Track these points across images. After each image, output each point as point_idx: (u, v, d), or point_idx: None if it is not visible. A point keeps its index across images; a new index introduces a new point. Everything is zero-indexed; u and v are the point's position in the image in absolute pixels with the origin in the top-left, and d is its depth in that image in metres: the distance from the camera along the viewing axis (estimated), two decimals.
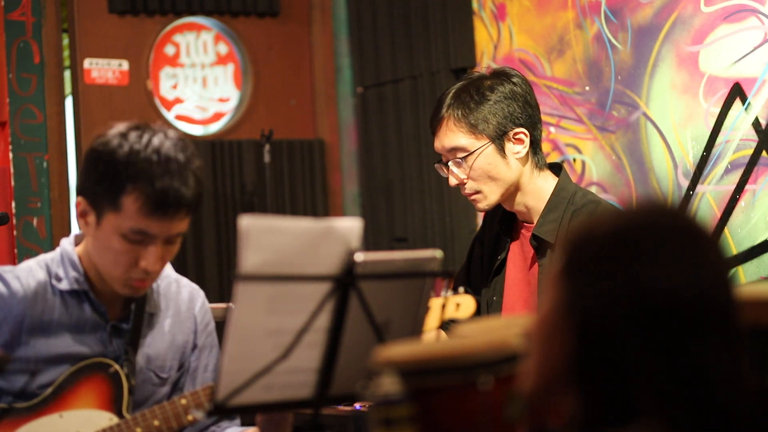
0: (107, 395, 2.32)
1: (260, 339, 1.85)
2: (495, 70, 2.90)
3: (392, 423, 1.58)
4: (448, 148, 2.83)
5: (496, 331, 1.77)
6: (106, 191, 2.21)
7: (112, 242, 2.23)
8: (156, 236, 2.22)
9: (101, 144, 2.24)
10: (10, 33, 4.82)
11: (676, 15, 3.85)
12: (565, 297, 1.40)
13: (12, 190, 4.79)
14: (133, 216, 2.19)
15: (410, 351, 1.70)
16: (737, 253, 3.67)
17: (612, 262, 1.38)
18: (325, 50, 5.47)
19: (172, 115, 5.22)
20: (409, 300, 2.01)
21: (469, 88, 2.83)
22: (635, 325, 1.35)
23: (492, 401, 1.63)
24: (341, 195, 5.49)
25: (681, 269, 1.37)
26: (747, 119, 3.65)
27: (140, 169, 2.19)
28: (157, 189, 2.18)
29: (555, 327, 1.41)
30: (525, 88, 2.85)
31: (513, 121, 2.81)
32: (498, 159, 2.80)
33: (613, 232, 1.41)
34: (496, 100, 2.81)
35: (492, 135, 2.80)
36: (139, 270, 2.25)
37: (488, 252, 2.99)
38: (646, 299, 1.35)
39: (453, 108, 2.82)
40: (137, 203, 2.18)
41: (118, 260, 2.25)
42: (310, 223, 1.86)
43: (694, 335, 1.35)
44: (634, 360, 1.35)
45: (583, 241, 1.43)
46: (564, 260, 1.42)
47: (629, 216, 1.44)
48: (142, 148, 2.20)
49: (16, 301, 2.30)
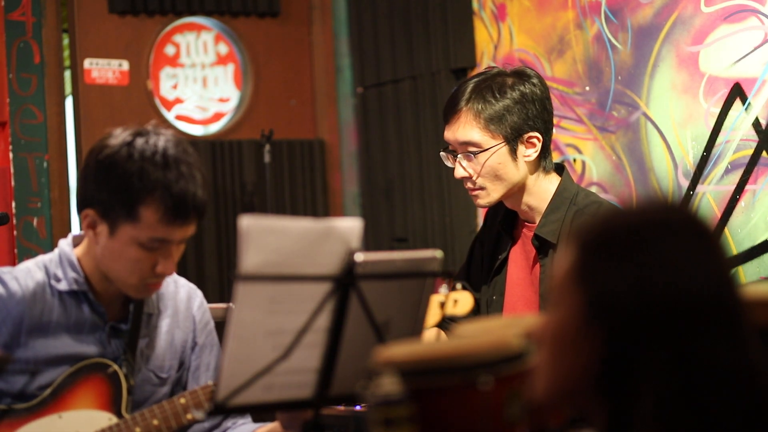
0: (106, 395, 2.32)
1: (260, 339, 1.85)
2: (515, 69, 2.87)
3: (392, 423, 1.58)
4: (461, 141, 2.81)
5: (496, 331, 1.76)
6: (122, 203, 2.21)
7: (128, 252, 2.24)
8: (173, 241, 2.24)
9: (109, 156, 2.23)
10: (10, 33, 4.82)
11: (677, 15, 3.85)
12: (586, 301, 1.39)
13: (12, 190, 4.79)
14: (153, 226, 2.20)
15: (410, 351, 1.70)
16: (737, 253, 3.67)
17: (634, 260, 1.37)
18: (326, 50, 5.47)
19: (173, 115, 5.22)
20: (410, 300, 2.01)
21: (490, 83, 2.80)
22: (665, 324, 1.35)
23: (492, 401, 1.63)
24: (341, 195, 5.49)
25: (700, 265, 1.37)
26: (747, 119, 3.65)
27: (155, 179, 2.19)
28: (175, 196, 2.19)
29: (577, 332, 1.39)
30: (544, 91, 2.83)
31: (529, 124, 2.79)
32: (508, 160, 2.79)
33: (630, 231, 1.40)
34: (516, 100, 2.78)
35: (507, 135, 2.78)
36: (155, 274, 2.26)
37: (488, 251, 2.99)
38: (671, 297, 1.35)
39: (473, 102, 2.79)
40: (157, 213, 2.19)
41: (134, 268, 2.25)
42: (310, 224, 1.86)
43: (716, 332, 1.35)
44: (663, 359, 1.34)
45: (598, 242, 1.41)
46: (579, 263, 1.41)
47: (641, 214, 1.43)
48: (151, 155, 2.21)
49: (14, 302, 2.29)
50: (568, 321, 1.40)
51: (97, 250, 2.30)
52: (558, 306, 1.43)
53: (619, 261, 1.38)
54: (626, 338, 1.36)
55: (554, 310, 1.44)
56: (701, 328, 1.35)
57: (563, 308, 1.42)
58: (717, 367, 1.35)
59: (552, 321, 1.44)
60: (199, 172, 2.25)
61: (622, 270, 1.37)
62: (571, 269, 1.42)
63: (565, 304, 1.41)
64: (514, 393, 1.63)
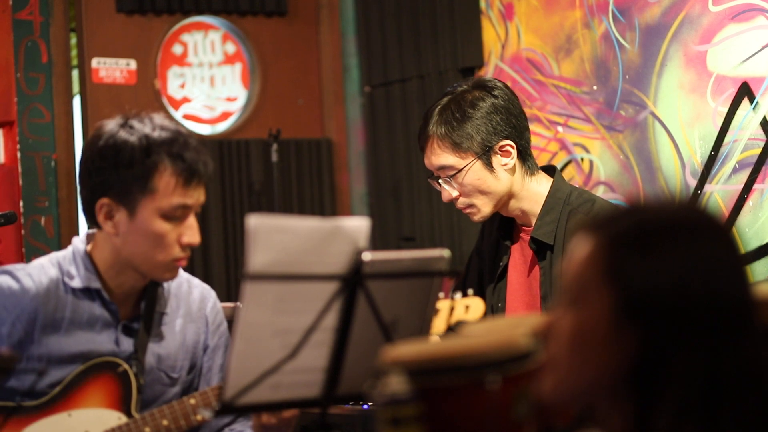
0: (116, 394, 2.32)
1: (268, 338, 1.85)
2: (476, 82, 2.90)
3: (399, 422, 1.58)
4: (437, 167, 2.86)
5: (504, 331, 1.76)
6: (136, 179, 2.23)
7: (153, 227, 2.25)
8: (192, 207, 2.27)
9: (109, 140, 2.25)
10: (18, 32, 4.82)
11: (684, 14, 3.85)
12: (620, 299, 1.36)
13: (20, 189, 4.79)
14: (171, 192, 2.23)
15: (418, 350, 1.70)
16: (745, 252, 3.66)
17: (673, 258, 1.35)
18: (333, 49, 5.47)
19: (180, 114, 5.22)
20: (417, 299, 2.01)
21: (450, 105, 2.84)
22: (702, 324, 1.34)
23: (499, 401, 1.63)
24: (349, 194, 5.48)
25: (729, 266, 1.37)
26: (755, 119, 3.64)
27: (163, 148, 2.24)
28: (186, 160, 2.24)
29: (607, 331, 1.36)
30: (507, 99, 2.85)
31: (497, 135, 2.81)
32: (486, 174, 2.82)
33: (665, 228, 1.37)
34: (478, 117, 2.81)
35: (477, 151, 2.80)
36: (182, 247, 2.28)
37: (489, 259, 3.00)
38: (708, 296, 1.34)
39: (437, 126, 2.83)
40: (173, 179, 2.23)
41: (162, 243, 2.26)
42: (317, 223, 1.86)
43: (743, 331, 1.35)
44: (697, 359, 1.34)
45: (631, 238, 1.38)
46: (608, 259, 1.37)
47: (668, 212, 1.41)
48: (151, 129, 2.26)
49: (28, 298, 2.29)
50: (595, 320, 1.37)
51: (117, 242, 2.30)
52: (579, 303, 1.40)
53: (657, 258, 1.35)
54: (663, 338, 1.34)
55: (574, 308, 1.41)
56: (732, 328, 1.35)
57: (587, 306, 1.39)
58: (743, 366, 1.35)
59: (573, 320, 1.41)
60: (196, 140, 2.31)
61: (661, 267, 1.34)
62: (595, 265, 1.38)
63: (589, 301, 1.38)
64: (521, 392, 1.63)
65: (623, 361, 1.36)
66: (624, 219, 1.41)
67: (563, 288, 1.45)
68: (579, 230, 1.44)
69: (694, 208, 1.42)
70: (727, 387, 1.34)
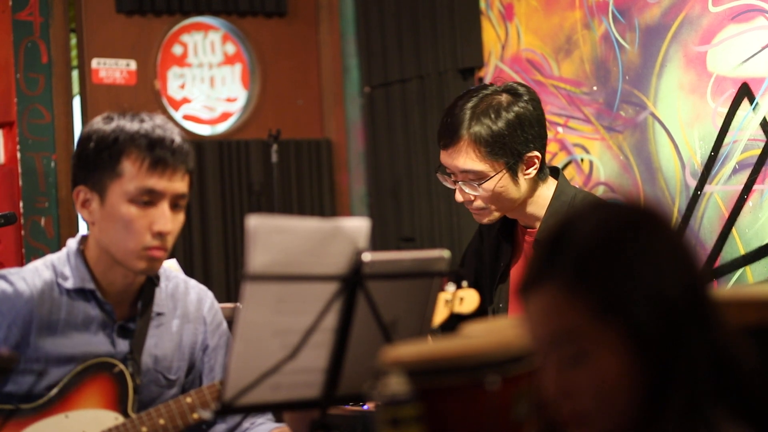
0: (112, 395, 2.32)
1: (268, 339, 1.85)
2: (507, 87, 2.82)
3: (399, 423, 1.58)
4: (462, 170, 2.78)
5: (504, 331, 1.76)
6: (105, 164, 2.25)
7: (121, 211, 2.24)
8: (162, 194, 2.25)
9: (87, 131, 2.32)
10: (18, 33, 4.83)
11: (684, 15, 3.85)
12: (627, 332, 1.33)
13: (20, 189, 4.79)
14: (138, 176, 2.23)
15: (418, 351, 1.70)
16: (745, 253, 3.66)
17: (654, 275, 1.34)
18: (333, 50, 5.47)
19: (180, 115, 5.22)
20: (417, 300, 2.01)
21: (486, 106, 2.76)
22: (699, 324, 1.34)
23: (499, 401, 1.63)
24: (348, 195, 5.49)
25: (672, 256, 1.37)
26: (755, 119, 3.64)
27: (132, 131, 2.25)
28: (154, 141, 2.24)
29: (622, 371, 1.34)
30: (537, 107, 2.80)
31: (528, 146, 2.76)
32: (509, 183, 2.77)
33: (635, 248, 1.36)
34: (513, 124, 2.74)
35: (508, 162, 2.75)
36: (154, 235, 2.25)
37: (489, 260, 2.99)
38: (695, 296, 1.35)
39: (473, 128, 2.74)
40: (137, 162, 2.23)
41: (131, 229, 2.25)
42: (317, 223, 1.86)
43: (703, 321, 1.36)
44: (702, 355, 1.34)
45: (612, 268, 1.34)
46: (599, 297, 1.34)
47: (618, 222, 1.40)
48: (129, 120, 2.28)
49: (22, 302, 2.29)
50: (613, 362, 1.34)
51: (95, 232, 2.31)
52: (587, 356, 1.35)
53: (644, 280, 1.34)
54: (670, 349, 1.33)
55: (583, 363, 1.36)
56: (695, 321, 1.35)
57: (598, 355, 1.35)
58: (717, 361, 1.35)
59: (591, 374, 1.35)
60: (178, 130, 2.31)
61: (649, 288, 1.33)
62: (579, 309, 1.35)
63: (597, 349, 1.34)
64: (521, 393, 1.63)
65: (640, 388, 1.35)
66: (568, 249, 1.37)
67: (543, 347, 1.39)
68: (522, 286, 1.39)
69: (645, 212, 1.41)
70: (714, 382, 1.34)
